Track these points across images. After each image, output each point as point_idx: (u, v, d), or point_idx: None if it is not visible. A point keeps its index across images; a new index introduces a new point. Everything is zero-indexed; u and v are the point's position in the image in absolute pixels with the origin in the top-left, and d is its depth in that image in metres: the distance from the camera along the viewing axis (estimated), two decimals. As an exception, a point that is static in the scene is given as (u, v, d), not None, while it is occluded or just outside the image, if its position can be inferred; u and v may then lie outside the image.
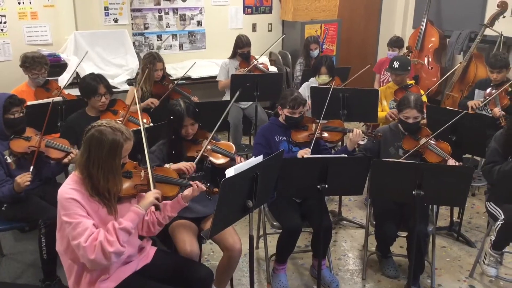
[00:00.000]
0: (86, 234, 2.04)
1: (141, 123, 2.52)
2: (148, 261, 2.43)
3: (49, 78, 4.24)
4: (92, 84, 3.34)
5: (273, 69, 6.05)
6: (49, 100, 3.38)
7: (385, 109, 4.31)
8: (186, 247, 2.60)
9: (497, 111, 3.97)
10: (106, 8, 5.46)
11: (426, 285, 3.26)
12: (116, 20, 5.53)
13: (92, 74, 3.49)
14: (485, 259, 3.21)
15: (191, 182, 2.48)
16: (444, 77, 4.98)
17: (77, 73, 4.85)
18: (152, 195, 2.25)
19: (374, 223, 3.21)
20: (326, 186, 2.65)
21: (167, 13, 6.03)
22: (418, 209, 2.69)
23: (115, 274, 2.26)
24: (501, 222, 2.98)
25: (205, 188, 2.48)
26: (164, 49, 6.11)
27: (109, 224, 2.12)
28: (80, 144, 2.21)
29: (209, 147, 2.85)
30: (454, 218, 3.93)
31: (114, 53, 5.44)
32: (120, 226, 2.11)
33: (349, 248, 3.73)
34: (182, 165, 2.67)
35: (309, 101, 4.12)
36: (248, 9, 6.52)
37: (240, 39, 5.01)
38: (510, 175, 2.73)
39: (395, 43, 5.47)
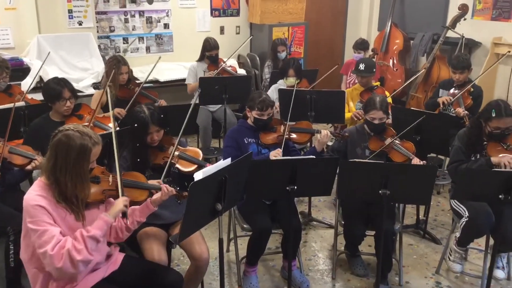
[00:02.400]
0: (53, 242, 2.00)
1: (112, 129, 2.47)
2: (116, 268, 2.39)
3: (12, 83, 4.12)
4: (56, 89, 3.26)
5: (241, 71, 6.05)
6: (11, 105, 3.29)
7: (351, 110, 4.37)
8: (154, 257, 2.56)
9: (461, 111, 4.09)
10: (70, 11, 5.35)
11: (394, 282, 3.32)
12: (80, 23, 5.43)
13: (55, 78, 3.40)
14: (451, 255, 3.29)
15: (165, 186, 2.45)
16: (410, 80, 5.10)
17: (40, 77, 4.74)
18: (121, 202, 2.21)
19: (343, 223, 3.26)
20: (295, 187, 2.67)
21: (133, 16, 5.96)
22: (385, 208, 2.74)
23: (83, 282, 2.21)
24: (465, 220, 3.06)
25: (174, 192, 2.46)
26: (131, 52, 6.03)
27: (77, 232, 2.08)
28: (45, 150, 2.16)
29: (176, 153, 2.81)
30: (420, 216, 4.02)
31: (79, 57, 5.33)
32: (88, 234, 2.07)
33: (319, 248, 3.77)
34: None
35: (277, 103, 4.14)
36: (216, 12, 6.51)
37: (208, 41, 4.99)
38: (472, 173, 2.81)
39: (361, 45, 5.56)
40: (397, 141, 3.27)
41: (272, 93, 4.47)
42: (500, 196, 2.58)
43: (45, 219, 2.03)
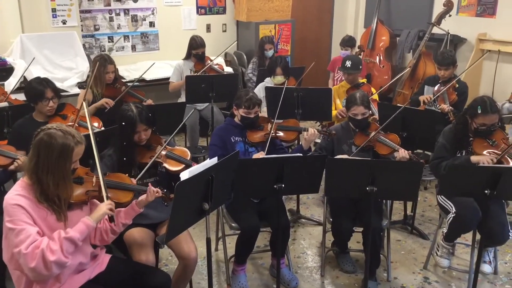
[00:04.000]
0: (28, 241, 1.96)
1: (89, 127, 2.43)
2: (103, 269, 2.37)
3: (-6, 83, 4.07)
4: (38, 89, 3.22)
5: (228, 69, 6.03)
6: (-6, 105, 3.24)
7: (338, 107, 4.38)
8: (142, 258, 2.54)
9: (446, 107, 4.11)
10: (53, 10, 5.29)
11: (383, 278, 3.34)
12: (64, 22, 5.37)
13: (38, 78, 3.36)
14: (438, 250, 3.30)
15: (151, 188, 2.42)
16: (396, 78, 5.12)
17: (24, 77, 4.68)
18: (105, 206, 2.18)
19: (331, 220, 3.26)
20: (283, 185, 2.66)
21: (118, 14, 5.89)
22: (372, 205, 2.75)
23: (68, 283, 2.19)
24: (452, 215, 3.08)
25: (161, 194, 2.43)
26: (116, 51, 5.97)
27: (55, 233, 2.05)
28: (29, 150, 2.13)
29: (163, 152, 2.79)
30: (407, 212, 4.04)
31: (63, 56, 5.26)
32: (65, 236, 2.04)
33: (307, 245, 3.77)
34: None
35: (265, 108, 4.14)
36: (202, 10, 6.47)
37: (194, 40, 4.97)
38: (457, 170, 2.82)
39: (348, 42, 5.57)
40: (381, 135, 3.29)
41: (259, 91, 4.45)
42: (486, 191, 2.60)
43: (23, 218, 2.00)
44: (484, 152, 3.06)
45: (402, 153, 3.12)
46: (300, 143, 3.38)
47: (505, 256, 3.60)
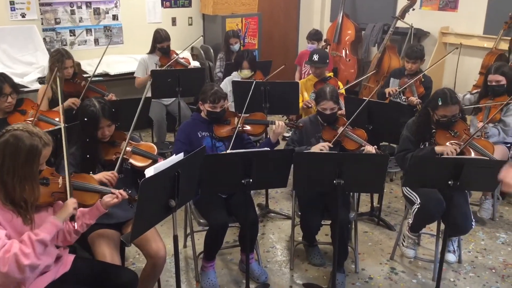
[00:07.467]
0: None
1: (62, 125, 2.35)
2: (67, 269, 2.31)
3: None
4: (-5, 84, 3.11)
5: (195, 64, 5.96)
6: None
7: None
8: (106, 261, 2.48)
9: (414, 99, 4.21)
10: (12, 3, 5.09)
11: (351, 270, 3.37)
12: (23, 15, 5.17)
13: (-5, 73, 3.24)
14: (404, 241, 3.36)
15: (116, 191, 2.35)
16: (361, 79, 5.18)
17: (-19, 72, 4.49)
18: (70, 205, 2.13)
19: (299, 213, 3.26)
20: (251, 180, 2.64)
21: (79, 7, 5.71)
22: (339, 198, 2.76)
23: (32, 286, 2.12)
24: (417, 206, 3.13)
25: (126, 196, 2.37)
26: (79, 45, 5.80)
27: (24, 235, 1.99)
28: None
29: (128, 148, 2.72)
30: (374, 204, 4.09)
31: (23, 50, 5.08)
32: (37, 238, 1.98)
33: (276, 239, 3.77)
34: (103, 175, 2.51)
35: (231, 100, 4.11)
36: (167, 2, 6.35)
37: (158, 33, 4.88)
38: (422, 161, 2.87)
39: (314, 36, 5.60)
40: (349, 130, 3.31)
41: (226, 85, 4.42)
42: (449, 182, 2.64)
43: None
44: (447, 143, 3.12)
45: (369, 149, 3.15)
46: (268, 136, 3.37)
47: (469, 245, 3.69)
